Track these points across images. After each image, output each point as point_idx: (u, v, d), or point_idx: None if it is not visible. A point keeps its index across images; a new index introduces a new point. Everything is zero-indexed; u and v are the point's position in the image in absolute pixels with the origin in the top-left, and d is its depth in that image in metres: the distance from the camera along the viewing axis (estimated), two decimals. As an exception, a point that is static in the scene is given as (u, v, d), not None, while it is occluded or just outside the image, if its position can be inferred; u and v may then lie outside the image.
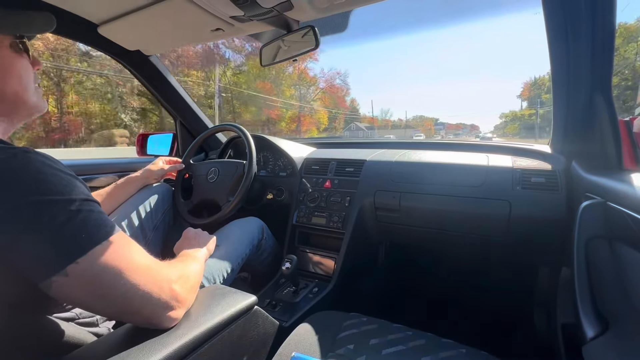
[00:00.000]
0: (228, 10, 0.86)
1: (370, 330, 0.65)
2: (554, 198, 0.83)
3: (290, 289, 1.00)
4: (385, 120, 46.84)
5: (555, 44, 0.71)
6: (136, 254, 0.43)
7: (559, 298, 0.87)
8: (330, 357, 0.58)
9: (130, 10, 0.91)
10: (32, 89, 0.50)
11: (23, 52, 0.48)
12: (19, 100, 0.48)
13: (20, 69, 0.47)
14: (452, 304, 1.27)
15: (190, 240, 0.77)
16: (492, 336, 1.08)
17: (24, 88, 0.48)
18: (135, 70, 1.26)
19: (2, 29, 0.46)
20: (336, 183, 1.14)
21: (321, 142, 1.47)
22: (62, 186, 0.37)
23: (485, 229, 0.92)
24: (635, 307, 0.44)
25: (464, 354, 0.58)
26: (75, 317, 0.55)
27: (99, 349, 0.45)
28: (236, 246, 0.92)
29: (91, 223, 0.38)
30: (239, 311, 0.52)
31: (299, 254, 1.15)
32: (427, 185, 0.98)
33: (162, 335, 0.44)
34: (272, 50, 0.98)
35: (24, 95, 0.48)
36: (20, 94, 0.48)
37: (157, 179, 1.10)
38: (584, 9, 0.63)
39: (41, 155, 0.38)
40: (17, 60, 0.47)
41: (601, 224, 0.53)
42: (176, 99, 1.41)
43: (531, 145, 1.05)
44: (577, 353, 0.50)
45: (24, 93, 0.48)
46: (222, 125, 1.27)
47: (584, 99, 0.72)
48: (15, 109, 0.48)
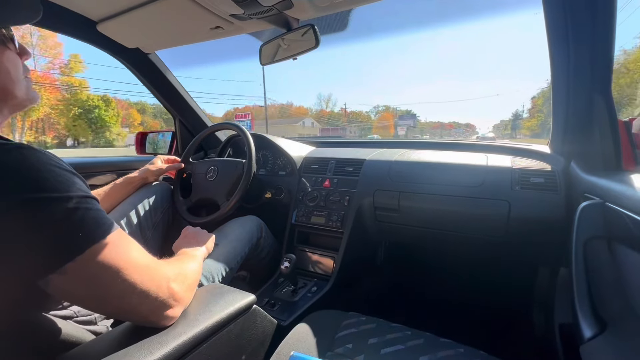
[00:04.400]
0: (228, 8, 0.86)
1: (369, 330, 0.65)
2: (553, 198, 0.83)
3: (289, 288, 1.00)
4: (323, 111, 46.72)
5: (556, 44, 0.71)
6: (134, 252, 0.43)
7: (557, 298, 0.87)
8: (328, 356, 0.58)
9: (130, 7, 0.91)
10: (21, 81, 0.48)
11: (9, 43, 0.46)
12: (8, 94, 0.47)
13: (7, 62, 0.46)
14: (450, 304, 1.27)
15: (189, 239, 0.77)
16: (490, 336, 1.09)
17: (12, 81, 0.47)
18: (134, 68, 1.26)
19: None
20: (335, 182, 1.14)
21: (321, 141, 1.47)
22: (58, 182, 0.37)
23: (484, 229, 0.92)
24: (633, 308, 0.45)
25: (462, 354, 0.58)
26: (73, 315, 0.54)
27: (97, 348, 0.45)
28: (235, 245, 0.92)
29: (89, 221, 0.38)
30: (237, 310, 0.52)
31: (298, 253, 1.15)
32: (426, 185, 0.98)
33: (160, 334, 0.44)
34: (272, 49, 0.98)
35: (13, 89, 0.47)
36: (9, 88, 0.46)
37: (156, 177, 1.10)
38: (584, 9, 0.63)
39: (38, 151, 0.37)
40: (3, 53, 0.45)
41: (600, 224, 0.53)
42: (175, 97, 1.40)
43: (530, 146, 1.05)
44: (574, 353, 0.50)
45: (12, 86, 0.47)
46: (222, 124, 1.27)
47: (583, 99, 0.72)
48: (4, 102, 0.47)
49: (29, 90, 0.50)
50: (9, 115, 0.49)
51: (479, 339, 0.75)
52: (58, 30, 1.00)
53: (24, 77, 0.49)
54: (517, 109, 54.71)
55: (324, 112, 52.10)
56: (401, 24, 56.84)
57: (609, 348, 0.45)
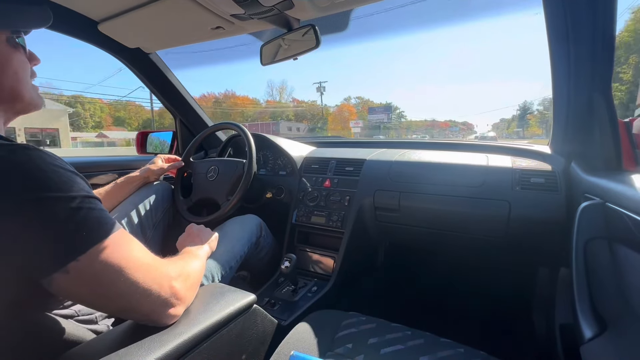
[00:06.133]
0: (229, 8, 0.86)
1: (369, 330, 0.65)
2: (554, 199, 0.83)
3: (290, 288, 1.00)
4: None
5: (556, 44, 0.71)
6: (137, 252, 0.43)
7: (557, 298, 0.87)
8: (328, 356, 0.58)
9: (131, 7, 0.91)
10: (29, 84, 0.50)
11: (20, 47, 0.48)
12: (16, 96, 0.48)
13: (17, 64, 0.47)
14: (450, 304, 1.27)
15: (193, 237, 0.78)
16: (491, 336, 1.09)
17: (21, 83, 0.48)
18: (135, 68, 1.26)
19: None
20: (336, 182, 1.14)
21: (321, 141, 1.47)
22: (62, 182, 0.37)
23: (485, 230, 0.92)
24: (633, 308, 0.45)
25: (462, 354, 0.58)
26: (74, 314, 0.55)
27: (98, 347, 0.45)
28: (235, 244, 0.92)
29: (92, 220, 0.38)
30: (238, 309, 0.53)
31: (298, 253, 1.15)
32: (426, 185, 0.98)
33: (161, 333, 0.44)
34: (273, 49, 0.98)
35: (21, 91, 0.48)
36: (17, 89, 0.47)
37: (157, 177, 1.10)
38: (584, 8, 0.63)
39: (41, 152, 0.38)
40: (14, 55, 0.47)
41: (600, 225, 0.53)
42: (176, 97, 1.40)
43: (531, 146, 1.05)
44: (575, 353, 0.50)
45: (20, 88, 0.48)
46: (222, 124, 1.27)
47: (583, 99, 0.72)
48: (11, 103, 0.48)
49: (35, 94, 0.51)
50: (13, 118, 0.50)
51: (479, 339, 0.75)
52: (59, 30, 1.00)
53: (32, 81, 0.51)
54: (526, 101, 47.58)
55: (269, 103, 44.11)
56: (401, 24, 56.57)
57: (610, 348, 0.45)
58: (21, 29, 0.49)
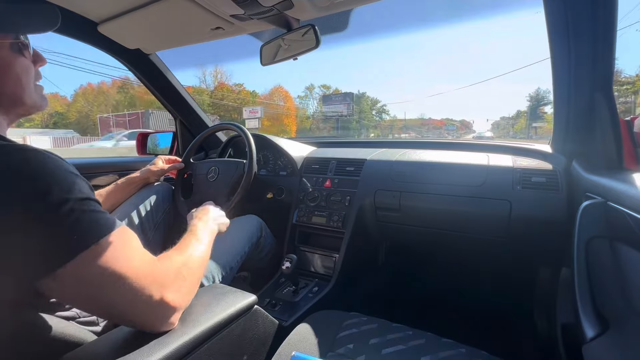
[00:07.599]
0: (228, 8, 0.86)
1: (370, 330, 0.65)
2: (555, 198, 0.83)
3: (290, 289, 1.00)
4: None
5: (556, 43, 0.71)
6: (129, 258, 0.41)
7: (559, 298, 0.87)
8: (330, 357, 0.58)
9: (131, 8, 0.91)
10: (32, 88, 0.49)
11: (24, 51, 0.47)
12: (17, 100, 0.48)
13: (19, 69, 0.46)
14: (452, 304, 1.27)
15: (207, 211, 0.78)
16: (492, 336, 1.08)
17: (22, 88, 0.47)
18: (135, 69, 1.26)
19: (3, 28, 0.45)
20: (336, 182, 1.14)
21: (321, 141, 1.47)
22: (57, 185, 0.37)
23: (486, 229, 0.92)
24: (635, 307, 0.44)
25: (463, 354, 0.58)
26: (75, 316, 0.54)
27: (99, 348, 0.45)
28: (235, 244, 0.92)
29: (84, 224, 0.37)
30: (238, 310, 0.52)
31: (299, 254, 1.15)
32: (427, 185, 0.98)
33: (162, 334, 0.44)
34: (272, 49, 0.98)
35: (22, 96, 0.48)
36: (18, 94, 0.47)
37: (158, 178, 1.10)
38: (585, 7, 0.63)
39: (40, 153, 0.37)
40: (16, 60, 0.46)
41: (602, 224, 0.53)
42: (176, 97, 1.40)
43: (532, 145, 1.05)
44: (577, 353, 0.50)
45: (22, 93, 0.48)
46: (222, 124, 1.27)
47: (584, 98, 0.72)
48: (12, 107, 0.48)
49: (38, 96, 0.51)
50: (16, 120, 0.50)
51: (480, 339, 0.75)
52: (59, 31, 1.00)
53: (36, 83, 0.50)
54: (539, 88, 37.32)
55: (187, 89, 41.01)
56: (401, 24, 56.30)
57: (612, 348, 0.45)
58: (27, 33, 0.48)
